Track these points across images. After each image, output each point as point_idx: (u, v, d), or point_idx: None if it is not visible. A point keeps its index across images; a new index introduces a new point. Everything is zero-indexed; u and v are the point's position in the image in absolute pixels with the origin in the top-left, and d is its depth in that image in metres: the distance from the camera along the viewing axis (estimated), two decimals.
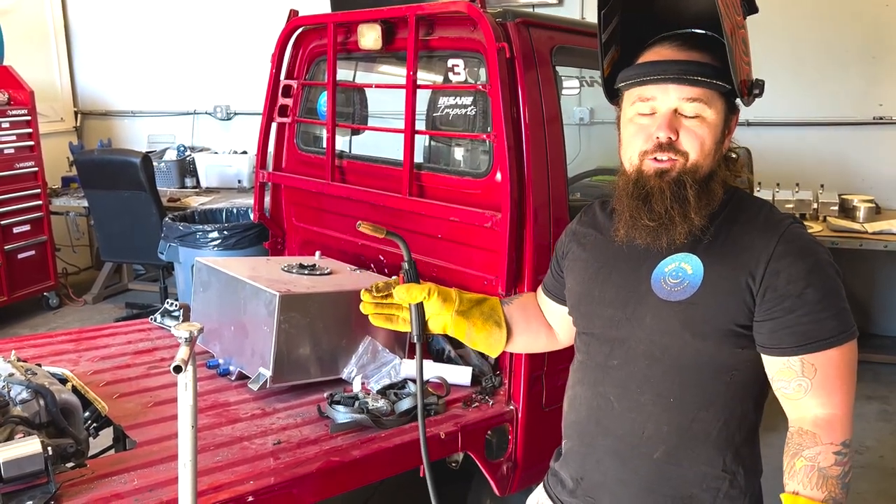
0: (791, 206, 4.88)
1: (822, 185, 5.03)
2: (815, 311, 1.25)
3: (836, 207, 4.86)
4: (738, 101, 1.36)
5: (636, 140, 1.34)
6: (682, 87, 1.29)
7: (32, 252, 5.63)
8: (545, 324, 1.70)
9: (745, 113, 4.77)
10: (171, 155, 6.24)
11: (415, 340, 1.59)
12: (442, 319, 1.60)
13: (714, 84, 1.30)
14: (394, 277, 1.59)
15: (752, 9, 1.38)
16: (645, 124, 1.33)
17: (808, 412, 1.28)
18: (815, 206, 4.89)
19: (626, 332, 1.39)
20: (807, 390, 1.27)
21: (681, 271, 1.33)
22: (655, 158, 1.31)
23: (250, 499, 1.83)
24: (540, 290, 1.72)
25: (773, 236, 1.29)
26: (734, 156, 1.41)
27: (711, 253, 1.32)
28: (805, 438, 1.27)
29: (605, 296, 1.43)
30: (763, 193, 4.91)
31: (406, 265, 1.57)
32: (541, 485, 1.65)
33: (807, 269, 1.26)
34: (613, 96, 1.44)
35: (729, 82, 1.29)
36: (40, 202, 5.67)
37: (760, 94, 1.36)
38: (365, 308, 1.59)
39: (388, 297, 1.58)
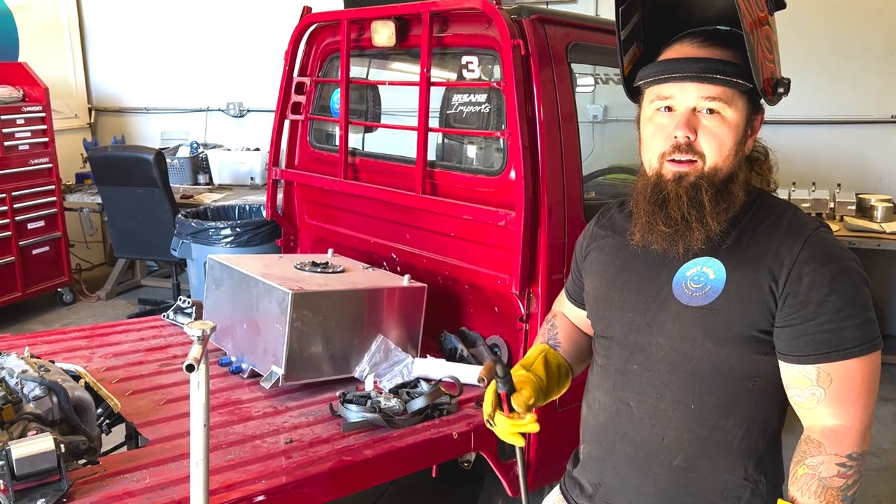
0: (807, 205, 4.82)
1: (838, 185, 4.97)
2: (836, 319, 1.21)
3: (854, 207, 4.79)
4: (763, 100, 1.32)
5: (655, 141, 1.31)
6: (701, 85, 1.26)
7: (46, 248, 5.65)
8: (586, 338, 1.63)
9: None
10: (184, 152, 6.25)
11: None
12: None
13: (734, 82, 1.26)
14: (492, 392, 1.45)
15: (778, 5, 1.34)
16: (664, 124, 1.30)
17: (818, 421, 1.26)
18: (831, 205, 4.84)
19: (647, 337, 1.36)
20: (820, 400, 1.24)
21: (703, 276, 1.30)
22: (674, 160, 1.28)
23: (262, 498, 1.82)
24: (565, 298, 1.68)
25: (798, 241, 1.26)
26: (761, 157, 1.37)
27: (734, 257, 1.29)
28: (810, 447, 1.25)
29: (625, 300, 1.40)
30: (779, 192, 4.84)
31: (501, 382, 1.42)
32: (556, 488, 1.63)
33: (830, 276, 1.22)
34: (634, 94, 1.41)
35: (751, 81, 1.26)
36: (54, 198, 5.68)
37: (786, 93, 1.32)
38: (517, 439, 1.46)
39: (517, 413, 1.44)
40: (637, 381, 1.37)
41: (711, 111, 1.27)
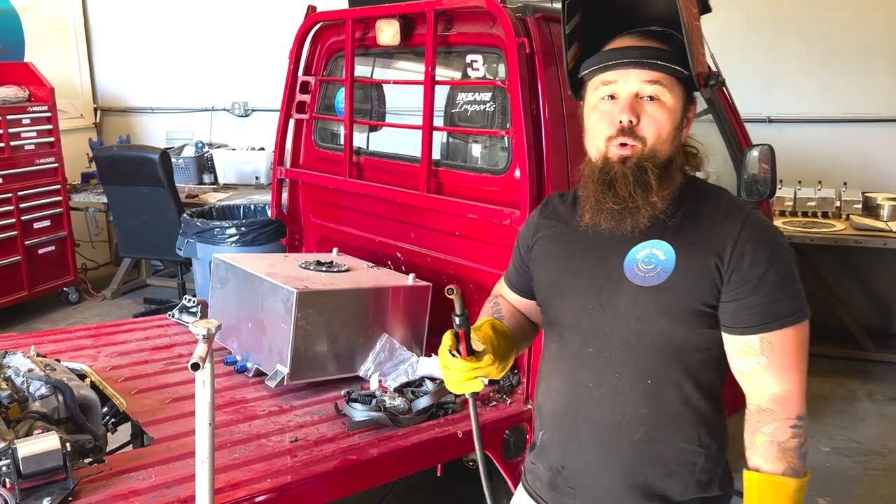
0: (813, 203, 4.81)
1: (844, 183, 4.95)
2: (773, 292, 1.32)
3: (860, 206, 4.78)
4: (698, 92, 1.40)
5: (600, 126, 1.38)
6: (642, 71, 1.34)
7: (52, 247, 5.67)
8: (526, 320, 1.68)
9: (767, 109, 4.69)
10: (189, 151, 6.26)
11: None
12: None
13: (672, 68, 1.35)
14: (450, 332, 1.42)
15: (705, 9, 1.43)
16: (608, 110, 1.37)
17: (765, 390, 1.35)
18: (837, 204, 4.82)
19: (600, 320, 1.41)
20: (764, 368, 1.34)
21: (653, 257, 1.38)
22: (619, 144, 1.35)
23: (267, 496, 1.82)
24: (505, 287, 1.70)
25: (737, 221, 1.36)
26: (694, 150, 1.45)
27: (680, 239, 1.37)
28: (763, 415, 1.35)
29: (577, 286, 1.45)
30: (785, 191, 4.85)
31: (459, 319, 1.39)
32: (520, 485, 1.64)
33: (768, 253, 1.33)
34: (577, 90, 1.48)
35: (687, 69, 1.35)
36: (60, 198, 5.70)
37: (716, 85, 1.42)
38: (474, 384, 1.44)
39: (474, 356, 1.44)
40: (593, 363, 1.43)
41: (652, 98, 1.35)
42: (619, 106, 1.35)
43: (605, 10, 1.45)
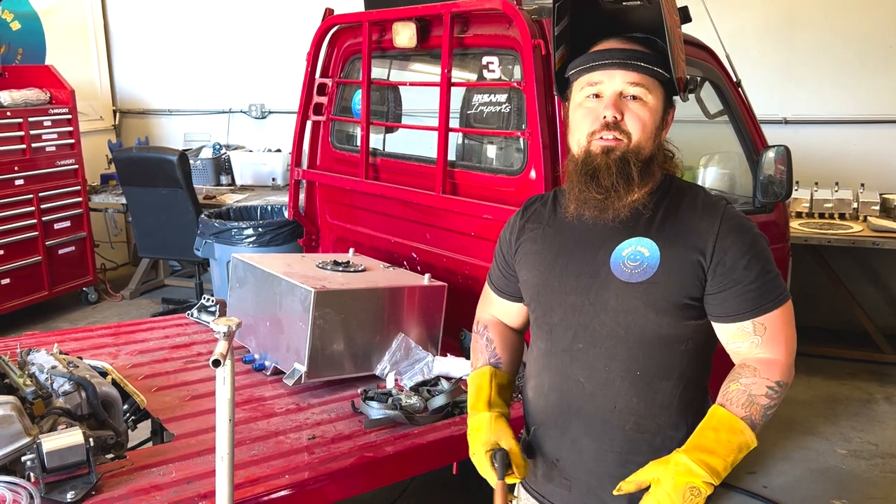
0: (830, 205, 4.77)
1: (862, 185, 4.91)
2: (758, 279, 1.40)
3: (878, 207, 4.74)
4: (677, 96, 1.46)
5: (584, 122, 1.43)
6: (626, 72, 1.40)
7: (72, 248, 5.73)
8: (516, 336, 1.72)
9: (783, 110, 4.65)
10: (206, 153, 6.31)
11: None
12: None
13: (654, 70, 1.41)
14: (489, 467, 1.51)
15: (686, 18, 1.50)
16: (592, 107, 1.43)
17: (755, 356, 1.43)
18: (855, 205, 4.78)
19: (590, 316, 1.46)
20: (758, 345, 1.43)
21: (638, 254, 1.43)
22: (602, 137, 1.40)
23: (285, 492, 1.85)
24: (492, 295, 1.72)
25: (716, 217, 1.43)
26: (670, 155, 1.50)
27: (663, 235, 1.43)
28: (745, 370, 1.42)
29: (566, 284, 1.49)
30: (801, 193, 4.82)
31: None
32: (518, 484, 1.65)
33: (747, 245, 1.41)
34: (563, 91, 1.53)
35: (668, 72, 1.41)
36: (80, 199, 5.76)
37: (693, 91, 1.47)
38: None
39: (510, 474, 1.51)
40: (584, 358, 1.48)
41: (635, 97, 1.41)
42: (604, 103, 1.40)
43: (592, 16, 1.50)
